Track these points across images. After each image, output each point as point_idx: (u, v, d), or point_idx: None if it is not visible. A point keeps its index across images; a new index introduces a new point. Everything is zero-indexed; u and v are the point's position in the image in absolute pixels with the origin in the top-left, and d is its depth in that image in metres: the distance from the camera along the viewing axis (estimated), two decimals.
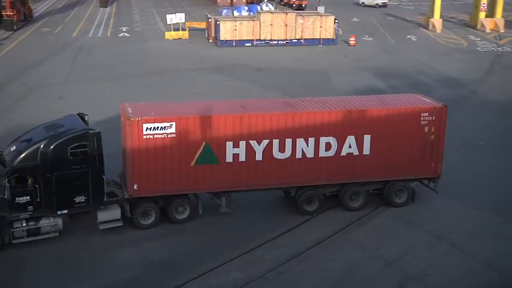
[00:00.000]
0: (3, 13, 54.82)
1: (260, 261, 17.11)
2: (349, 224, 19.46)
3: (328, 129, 19.07)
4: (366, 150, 19.49)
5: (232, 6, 71.12)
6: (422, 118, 19.64)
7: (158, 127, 17.66)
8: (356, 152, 19.43)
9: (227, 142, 18.36)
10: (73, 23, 61.70)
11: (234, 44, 49.15)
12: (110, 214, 18.02)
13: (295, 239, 18.52)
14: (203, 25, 54.91)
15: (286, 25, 50.03)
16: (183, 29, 53.86)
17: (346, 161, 19.44)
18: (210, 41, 51.34)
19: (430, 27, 58.26)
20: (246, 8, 59.20)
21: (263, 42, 49.77)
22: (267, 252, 17.67)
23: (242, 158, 18.60)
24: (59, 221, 17.47)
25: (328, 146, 19.18)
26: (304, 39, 50.58)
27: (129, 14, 71.98)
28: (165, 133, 17.74)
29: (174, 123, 17.75)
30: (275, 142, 18.74)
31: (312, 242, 18.19)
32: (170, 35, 53.35)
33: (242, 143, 18.48)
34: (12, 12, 54.59)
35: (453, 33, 57.34)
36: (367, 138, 19.39)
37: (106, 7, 77.35)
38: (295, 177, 19.27)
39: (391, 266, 17.00)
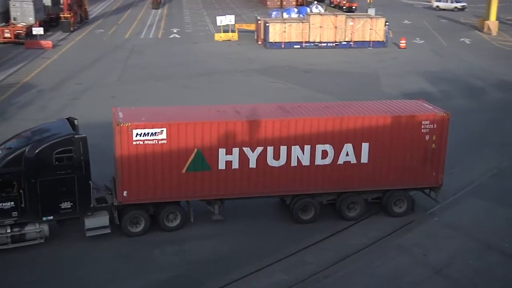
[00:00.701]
0: (61, 15, 56.73)
1: (305, 264, 17.07)
2: (396, 229, 19.19)
3: (325, 136, 18.52)
4: (364, 159, 18.92)
5: (281, 8, 71.13)
6: (423, 126, 19.02)
7: (148, 133, 17.24)
8: (353, 161, 18.88)
9: (219, 149, 17.88)
10: (126, 25, 63.16)
11: (283, 46, 49.19)
12: (97, 221, 17.55)
13: (340, 243, 18.40)
14: (252, 27, 55.20)
15: (335, 27, 49.73)
16: (233, 31, 54.31)
17: (343, 169, 18.89)
18: (259, 43, 51.55)
19: (485, 29, 56.75)
20: (296, 10, 59.11)
21: (312, 44, 49.62)
22: (312, 255, 17.60)
23: (235, 165, 18.12)
24: (45, 228, 17.03)
25: (324, 154, 18.64)
26: (354, 41, 50.17)
27: (180, 16, 73.10)
28: (155, 139, 17.32)
29: (165, 129, 17.32)
30: (270, 149, 18.22)
31: (357, 247, 18.04)
32: (219, 36, 53.91)
33: (235, 150, 17.99)
34: (69, 14, 56.44)
35: (509, 35, 55.64)
36: (365, 146, 18.82)
37: (158, 9, 78.78)
38: (290, 185, 18.77)
39: (439, 273, 16.66)
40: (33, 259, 16.88)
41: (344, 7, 70.12)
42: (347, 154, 18.77)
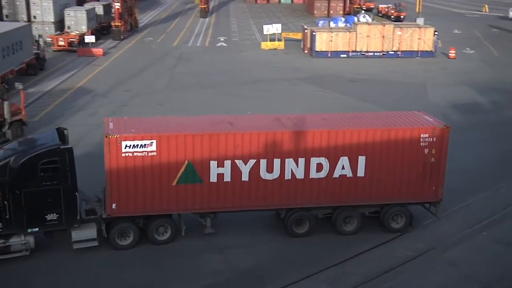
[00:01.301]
0: (112, 24, 58.27)
1: (349, 275, 16.91)
2: (443, 243, 18.79)
3: (319, 149, 18.02)
4: (361, 172, 18.42)
5: (329, 17, 71.00)
6: (421, 140, 18.49)
7: (138, 145, 16.88)
8: (349, 174, 18.37)
9: (211, 161, 17.44)
10: (174, 33, 64.25)
11: (329, 55, 49.04)
12: (85, 233, 17.15)
13: (385, 255, 18.15)
14: (299, 35, 55.27)
15: (383, 36, 49.25)
16: (279, 40, 54.49)
17: (339, 183, 18.40)
18: (306, 51, 51.55)
19: None
20: (343, 19, 58.94)
21: (359, 53, 49.28)
22: (356, 266, 17.43)
23: (227, 178, 17.67)
24: (30, 240, 16.67)
25: (319, 167, 18.14)
26: (401, 51, 49.55)
27: (227, 24, 73.86)
28: (145, 151, 16.95)
29: (154, 141, 16.95)
30: (263, 162, 17.74)
31: (402, 259, 17.76)
32: (266, 45, 54.19)
33: (227, 163, 17.53)
34: (120, 22, 57.88)
35: None
36: (361, 160, 18.30)
37: (206, 17, 79.86)
38: (284, 199, 18.30)
39: None
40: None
41: (392, 17, 69.43)
42: (343, 168, 18.29)
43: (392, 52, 49.45)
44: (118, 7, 57.85)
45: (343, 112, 21.72)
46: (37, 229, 16.66)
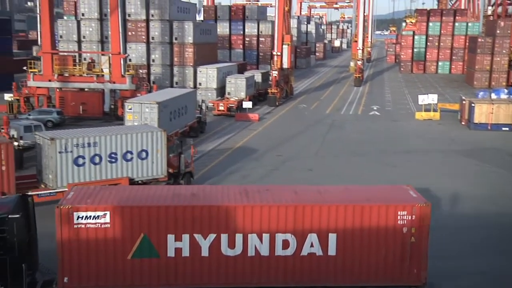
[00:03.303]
0: (268, 91, 61.26)
1: None
2: None
3: (285, 224, 16.75)
4: (332, 251, 16.93)
5: (490, 88, 67.87)
6: (399, 217, 16.88)
7: (90, 216, 16.25)
8: (319, 252, 16.93)
9: (168, 235, 16.56)
10: (328, 101, 65.59)
11: (489, 127, 46.62)
12: None
13: None
14: (456, 106, 53.47)
15: None
16: (435, 110, 53.14)
17: (307, 261, 16.95)
18: (463, 123, 49.54)
19: None
20: (506, 91, 55.98)
21: None
22: None
23: (185, 253, 16.71)
24: None
25: (285, 244, 16.86)
26: None
27: (381, 93, 73.79)
28: (98, 223, 16.29)
29: (108, 212, 16.31)
30: (223, 236, 16.69)
31: None
32: (420, 115, 53.10)
33: (185, 237, 16.59)
34: (276, 90, 60.67)
35: None
36: (332, 237, 16.86)
37: (360, 86, 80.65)
38: (247, 277, 16.94)
39: None
40: None
41: None
42: (311, 245, 16.97)
43: None
44: (276, 75, 60.84)
45: (317, 186, 20.17)
46: None
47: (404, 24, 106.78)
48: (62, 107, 48.55)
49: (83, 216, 16.31)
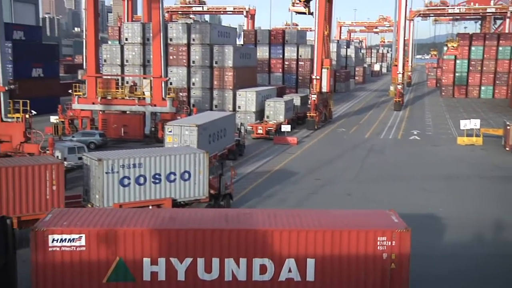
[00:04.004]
0: (307, 114, 61.31)
1: None
2: None
3: (263, 249, 16.53)
4: (310, 276, 16.67)
5: None
6: (378, 243, 16.63)
7: (65, 239, 16.08)
8: (297, 278, 16.67)
9: (144, 259, 16.42)
10: (367, 125, 65.12)
11: None
12: None
13: None
14: (499, 132, 52.28)
15: None
16: (477, 135, 52.09)
17: (285, 287, 16.69)
18: (507, 149, 48.35)
19: None
20: None
21: None
22: None
23: (161, 277, 16.50)
24: None
25: (263, 268, 16.60)
26: None
27: (421, 118, 72.86)
28: (73, 246, 16.13)
29: (83, 235, 16.18)
30: (200, 261, 16.51)
31: None
32: (462, 140, 52.15)
33: (161, 260, 16.43)
34: (315, 113, 60.66)
35: None
36: (310, 262, 16.63)
37: (400, 110, 79.85)
38: None
39: None
40: None
41: None
42: (289, 271, 16.68)
43: None
44: (315, 99, 60.89)
45: (297, 209, 20.09)
46: None
47: (445, 48, 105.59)
48: (105, 129, 49.73)
49: (58, 239, 16.20)
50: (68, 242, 16.24)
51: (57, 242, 16.21)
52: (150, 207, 25.32)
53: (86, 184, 25.93)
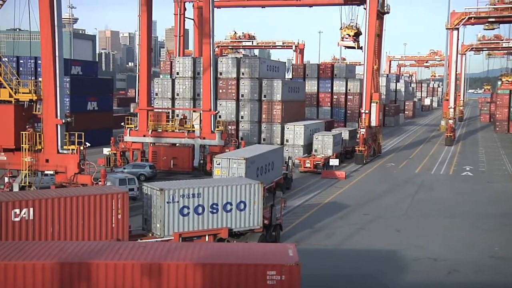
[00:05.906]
0: (356, 148, 60.79)
1: None
2: None
3: (132, 284, 15.94)
4: None
5: None
6: (268, 278, 16.29)
7: None
8: None
9: None
10: (417, 160, 63.91)
11: None
12: None
13: None
14: None
15: None
16: None
17: None
18: None
19: None
20: None
21: None
22: None
23: None
24: None
25: None
26: None
27: (474, 153, 71.02)
28: None
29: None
30: None
31: None
32: None
33: None
34: (364, 147, 60.08)
35: None
36: None
37: (451, 145, 78.12)
38: None
39: None
40: None
41: None
42: None
43: None
44: (363, 133, 60.39)
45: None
46: None
47: (499, 82, 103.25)
48: (155, 161, 50.64)
49: None
50: None
51: None
52: (207, 237, 25.80)
53: (145, 213, 26.34)
